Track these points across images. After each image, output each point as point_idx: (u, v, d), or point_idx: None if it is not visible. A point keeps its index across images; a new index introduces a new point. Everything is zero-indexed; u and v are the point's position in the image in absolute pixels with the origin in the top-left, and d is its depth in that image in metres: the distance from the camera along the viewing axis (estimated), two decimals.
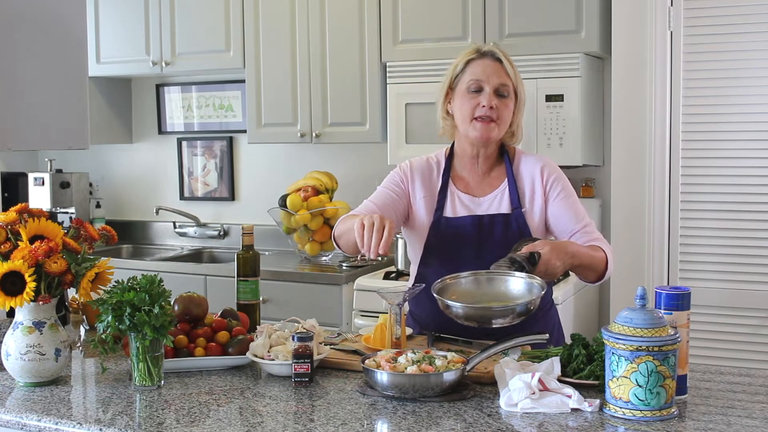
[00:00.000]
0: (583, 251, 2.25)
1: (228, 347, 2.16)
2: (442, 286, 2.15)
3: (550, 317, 2.44)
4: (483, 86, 2.31)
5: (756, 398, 1.86)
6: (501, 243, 2.28)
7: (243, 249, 2.44)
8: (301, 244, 4.23)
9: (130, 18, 4.51)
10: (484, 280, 2.14)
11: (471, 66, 2.34)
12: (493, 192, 2.38)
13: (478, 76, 2.31)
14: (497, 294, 2.11)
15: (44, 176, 4.69)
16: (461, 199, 2.39)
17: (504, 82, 2.31)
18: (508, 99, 2.32)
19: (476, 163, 2.41)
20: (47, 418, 1.80)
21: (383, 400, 1.86)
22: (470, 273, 2.17)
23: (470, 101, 2.32)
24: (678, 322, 1.81)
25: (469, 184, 2.41)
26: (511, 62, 2.34)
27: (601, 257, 2.29)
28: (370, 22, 3.92)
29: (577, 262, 2.22)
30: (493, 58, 2.33)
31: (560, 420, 1.72)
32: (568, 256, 2.18)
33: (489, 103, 2.29)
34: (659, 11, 3.43)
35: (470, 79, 2.32)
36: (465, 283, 2.16)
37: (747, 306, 3.40)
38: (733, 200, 3.40)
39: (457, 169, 2.43)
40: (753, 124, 3.36)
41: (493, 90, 2.30)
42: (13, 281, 1.94)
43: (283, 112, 4.17)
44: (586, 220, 2.37)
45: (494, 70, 2.31)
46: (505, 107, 2.32)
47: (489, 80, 2.30)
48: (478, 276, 2.16)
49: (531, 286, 2.08)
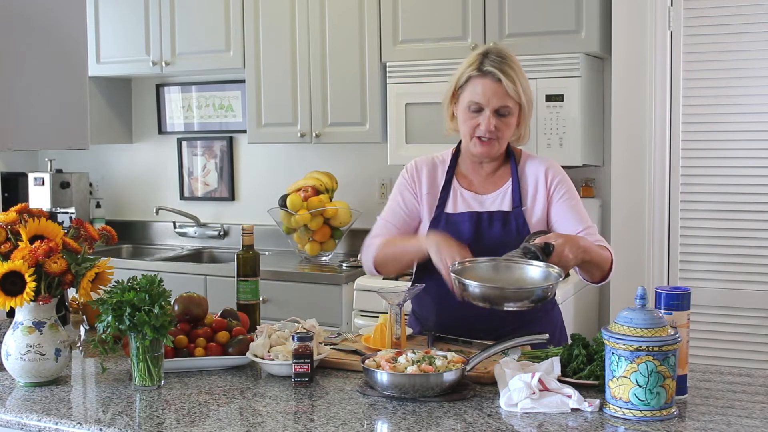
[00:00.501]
0: (594, 248, 2.26)
1: (228, 347, 2.16)
2: (461, 269, 2.11)
3: (553, 317, 2.45)
4: (483, 107, 2.30)
5: (756, 398, 1.86)
6: (499, 240, 2.29)
7: (243, 249, 2.44)
8: (301, 244, 4.23)
9: (130, 18, 4.51)
10: (502, 266, 2.13)
11: (472, 84, 2.31)
12: (496, 190, 2.39)
13: (478, 98, 2.30)
14: (515, 280, 2.10)
15: (44, 176, 4.69)
16: (464, 196, 2.40)
17: (504, 104, 2.29)
18: (509, 117, 2.32)
19: (481, 167, 2.43)
20: (47, 418, 1.80)
21: (383, 400, 1.86)
22: (489, 258, 2.15)
23: (470, 120, 2.32)
24: (678, 322, 1.81)
25: (473, 182, 2.42)
26: (513, 76, 2.28)
27: (607, 256, 2.31)
28: (370, 22, 3.92)
29: (588, 257, 2.23)
30: (493, 79, 2.28)
31: (560, 420, 1.72)
32: (581, 251, 2.18)
33: (488, 127, 2.29)
34: (659, 11, 3.43)
35: (470, 99, 2.31)
36: (484, 268, 2.14)
37: (747, 306, 3.40)
38: (732, 200, 3.41)
39: (462, 168, 2.45)
40: (753, 124, 3.36)
41: (492, 111, 2.29)
42: (13, 281, 1.94)
43: (283, 112, 4.17)
44: (589, 223, 2.38)
45: (494, 92, 2.28)
46: (506, 126, 2.32)
47: (489, 102, 2.29)
48: (497, 262, 2.14)
49: (548, 274, 2.07)
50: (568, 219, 2.36)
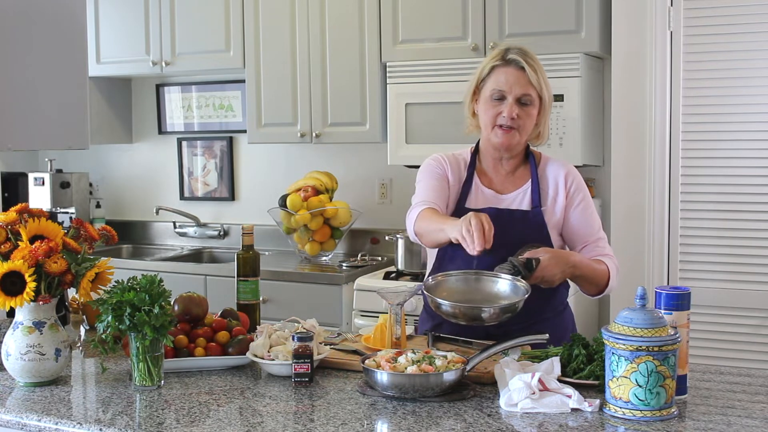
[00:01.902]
0: (585, 263, 2.29)
1: (228, 347, 2.16)
2: (434, 284, 2.19)
3: (563, 319, 2.45)
4: (505, 95, 2.32)
5: (756, 398, 1.86)
6: (517, 239, 2.29)
7: (243, 249, 2.45)
8: (301, 244, 4.23)
9: (130, 18, 4.51)
10: (472, 279, 2.19)
11: (495, 73, 2.35)
12: (516, 190, 2.40)
13: (501, 86, 2.32)
14: (486, 293, 2.16)
15: (44, 176, 4.69)
16: (484, 193, 2.41)
17: (526, 92, 2.32)
18: (530, 107, 2.33)
19: (500, 164, 2.43)
20: (47, 418, 1.80)
21: (383, 400, 1.86)
22: (460, 272, 2.21)
23: (492, 108, 2.34)
24: (678, 322, 1.81)
25: (493, 180, 2.43)
26: (535, 67, 2.33)
27: (603, 271, 2.33)
28: (370, 22, 3.92)
29: (578, 272, 2.27)
30: (516, 67, 2.32)
31: (560, 420, 1.72)
32: (569, 266, 2.23)
33: (510, 114, 2.31)
34: (659, 11, 3.43)
35: (493, 87, 2.34)
36: (455, 281, 2.20)
37: (747, 306, 3.39)
38: (733, 200, 3.40)
39: (483, 166, 2.45)
40: (753, 124, 3.36)
41: (514, 100, 2.31)
42: (13, 281, 1.94)
43: (283, 112, 4.17)
44: (601, 234, 2.41)
45: (516, 79, 2.32)
46: (527, 116, 2.33)
47: (511, 90, 2.31)
48: (467, 275, 2.20)
49: (516, 288, 2.13)
50: (582, 228, 2.39)
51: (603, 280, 2.33)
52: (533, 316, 2.25)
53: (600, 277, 2.32)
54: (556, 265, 2.18)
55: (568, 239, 2.41)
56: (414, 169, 2.54)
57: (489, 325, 2.14)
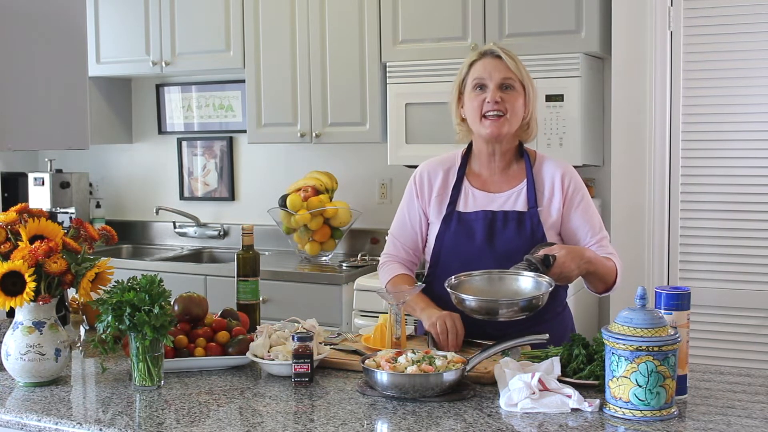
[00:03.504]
0: (599, 259, 2.30)
1: (228, 347, 2.16)
2: (457, 283, 2.21)
3: (563, 319, 2.45)
4: (486, 83, 2.34)
5: (756, 398, 1.86)
6: (513, 240, 2.30)
7: (243, 249, 2.45)
8: (301, 244, 4.23)
9: (130, 18, 4.51)
10: (496, 278, 2.22)
11: (473, 67, 2.38)
12: (510, 189, 2.38)
13: (480, 74, 2.35)
14: (508, 291, 2.18)
15: (44, 176, 4.69)
16: (475, 195, 2.40)
17: (506, 76, 2.33)
18: (515, 91, 2.33)
19: (493, 160, 2.42)
20: (47, 418, 1.80)
21: (383, 400, 1.86)
22: (483, 272, 2.24)
23: (476, 99, 2.34)
24: (678, 322, 1.81)
25: (486, 180, 2.42)
26: (513, 57, 2.36)
27: (612, 268, 2.34)
28: (370, 22, 3.92)
29: (592, 268, 2.27)
30: (492, 56, 2.35)
31: (560, 420, 1.72)
32: (584, 262, 2.23)
33: (494, 98, 2.31)
34: (659, 11, 3.43)
35: (473, 78, 2.36)
36: (478, 280, 2.22)
37: (747, 306, 3.39)
38: (733, 200, 3.40)
39: (474, 167, 2.45)
40: (753, 124, 3.36)
41: (496, 85, 2.32)
42: (13, 281, 1.94)
43: (283, 112, 4.17)
44: (603, 233, 2.40)
45: (495, 66, 2.34)
46: (514, 99, 2.33)
47: (491, 76, 2.33)
48: (491, 275, 2.23)
49: (539, 284, 2.13)
50: (583, 228, 2.37)
51: (612, 277, 2.34)
52: (533, 317, 2.24)
53: (610, 274, 2.33)
54: (573, 261, 2.18)
55: (570, 240, 2.39)
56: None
57: (514, 320, 2.15)
